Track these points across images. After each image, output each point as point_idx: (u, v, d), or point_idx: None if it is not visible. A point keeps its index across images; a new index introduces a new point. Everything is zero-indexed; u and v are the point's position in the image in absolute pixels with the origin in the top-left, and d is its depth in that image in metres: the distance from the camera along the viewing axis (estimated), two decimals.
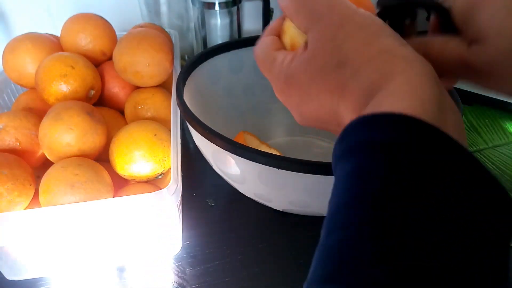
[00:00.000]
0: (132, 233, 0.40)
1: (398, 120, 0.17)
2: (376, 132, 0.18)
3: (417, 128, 0.17)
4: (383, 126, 0.18)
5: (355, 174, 0.17)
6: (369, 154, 0.17)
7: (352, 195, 0.17)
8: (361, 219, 0.16)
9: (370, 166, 0.17)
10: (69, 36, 0.52)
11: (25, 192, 0.39)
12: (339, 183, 0.18)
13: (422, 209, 0.15)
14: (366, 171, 0.17)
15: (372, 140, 0.17)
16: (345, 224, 0.16)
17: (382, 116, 0.18)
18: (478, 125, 0.64)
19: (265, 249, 0.44)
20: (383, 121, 0.18)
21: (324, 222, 0.18)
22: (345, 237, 0.16)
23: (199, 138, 0.39)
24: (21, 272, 0.41)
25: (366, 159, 0.17)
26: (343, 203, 0.17)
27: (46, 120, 0.42)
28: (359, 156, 0.18)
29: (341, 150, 0.19)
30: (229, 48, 0.52)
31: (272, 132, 0.59)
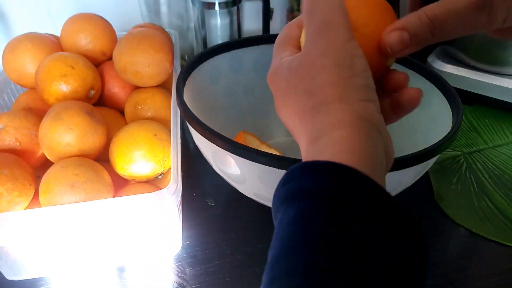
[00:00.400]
0: (132, 233, 0.40)
1: (338, 170, 0.19)
2: (317, 180, 0.19)
3: (353, 178, 0.19)
4: (324, 175, 0.19)
5: (298, 220, 0.19)
6: (311, 201, 0.19)
7: (296, 240, 0.18)
8: (307, 267, 0.17)
9: (312, 213, 0.18)
10: (69, 36, 0.52)
11: (25, 192, 0.39)
12: (283, 229, 0.19)
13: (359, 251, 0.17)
14: (308, 217, 0.18)
15: (315, 187, 0.19)
16: (292, 272, 0.17)
17: (324, 165, 0.20)
18: (478, 125, 0.64)
19: (265, 249, 0.44)
20: (325, 170, 0.19)
21: (267, 268, 0.19)
22: (289, 286, 0.17)
23: (199, 138, 0.39)
24: (21, 272, 0.41)
25: (307, 206, 0.19)
26: (286, 248, 0.18)
27: (46, 120, 0.42)
28: (302, 202, 0.19)
29: (284, 194, 0.20)
30: (229, 48, 0.52)
31: (272, 132, 0.59)
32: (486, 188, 0.52)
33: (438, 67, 0.67)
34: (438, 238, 0.46)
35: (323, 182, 0.19)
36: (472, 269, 0.42)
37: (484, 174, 0.54)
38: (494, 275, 0.42)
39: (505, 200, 0.50)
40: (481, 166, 0.56)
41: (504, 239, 0.45)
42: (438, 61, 0.68)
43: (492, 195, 0.51)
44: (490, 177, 0.53)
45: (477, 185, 0.52)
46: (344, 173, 0.19)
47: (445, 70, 0.66)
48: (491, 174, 0.54)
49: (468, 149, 0.59)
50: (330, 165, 0.19)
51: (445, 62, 0.67)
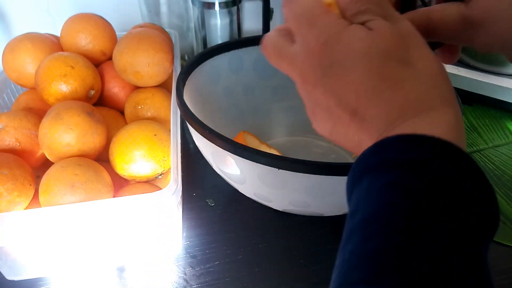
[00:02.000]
0: (132, 233, 0.40)
1: (436, 143, 0.19)
2: (419, 152, 0.19)
3: (451, 153, 0.18)
4: (421, 146, 0.19)
5: (396, 187, 0.18)
6: (411, 171, 0.18)
7: (394, 206, 0.18)
8: (404, 229, 0.17)
9: (413, 182, 0.18)
10: (69, 36, 0.52)
11: (25, 192, 0.39)
12: (374, 192, 0.19)
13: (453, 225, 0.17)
14: (408, 186, 0.18)
15: (415, 158, 0.18)
16: (388, 232, 0.17)
17: (421, 137, 0.19)
18: (478, 125, 0.64)
19: (265, 249, 0.44)
20: (421, 142, 0.19)
21: (355, 228, 0.18)
22: (389, 244, 0.17)
23: (199, 138, 0.39)
24: (21, 272, 0.41)
25: (408, 175, 0.18)
26: (383, 212, 0.18)
27: (46, 120, 0.42)
28: (401, 171, 0.18)
29: (377, 160, 0.19)
30: (229, 48, 0.52)
31: (272, 132, 0.59)
32: None
33: None
34: None
35: (426, 155, 0.18)
36: None
37: None
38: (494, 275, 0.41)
39: (505, 200, 0.50)
40: (481, 166, 0.56)
41: (504, 239, 0.45)
42: None
43: None
44: (490, 177, 0.53)
45: None
46: (450, 151, 0.19)
47: None
48: (491, 174, 0.54)
49: (468, 149, 0.59)
50: (431, 140, 0.19)
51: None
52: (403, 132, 0.19)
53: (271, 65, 0.26)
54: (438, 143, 0.19)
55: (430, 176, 0.18)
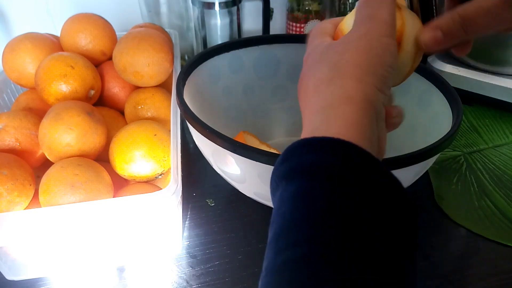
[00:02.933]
0: (132, 233, 0.40)
1: (337, 146, 0.20)
2: (317, 156, 0.20)
3: (354, 153, 0.20)
4: (324, 150, 0.20)
5: (299, 196, 0.19)
6: (312, 177, 0.19)
7: (299, 215, 0.18)
8: (309, 238, 0.17)
9: (313, 188, 0.19)
10: (69, 36, 0.52)
11: (25, 192, 0.39)
12: (284, 203, 0.20)
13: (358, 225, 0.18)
14: (309, 193, 0.19)
15: (316, 163, 0.19)
16: (295, 244, 0.18)
17: (323, 140, 0.20)
18: (478, 125, 0.64)
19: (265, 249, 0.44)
20: (325, 145, 0.20)
21: (270, 243, 0.19)
22: (295, 256, 0.17)
23: (199, 137, 0.39)
24: (21, 272, 0.41)
25: (309, 182, 0.19)
26: (290, 222, 0.19)
27: (46, 120, 0.42)
28: (305, 178, 0.19)
29: (284, 171, 0.21)
30: (229, 48, 0.52)
31: (272, 132, 0.59)
32: (486, 188, 0.52)
33: (438, 67, 0.67)
34: (438, 238, 0.46)
35: (324, 157, 0.19)
36: (472, 269, 0.42)
37: (484, 174, 0.54)
38: (494, 275, 0.42)
39: (505, 200, 0.50)
40: (481, 166, 0.56)
41: (504, 239, 0.45)
42: (438, 61, 0.68)
43: (492, 195, 0.51)
44: (490, 177, 0.53)
45: (477, 185, 0.52)
46: (345, 148, 0.20)
47: (445, 70, 0.66)
48: (491, 174, 0.54)
49: (468, 149, 0.59)
50: (329, 141, 0.20)
51: (445, 62, 0.67)
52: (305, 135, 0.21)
53: (271, 65, 0.29)
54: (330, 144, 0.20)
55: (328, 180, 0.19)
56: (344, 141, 0.20)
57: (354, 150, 0.20)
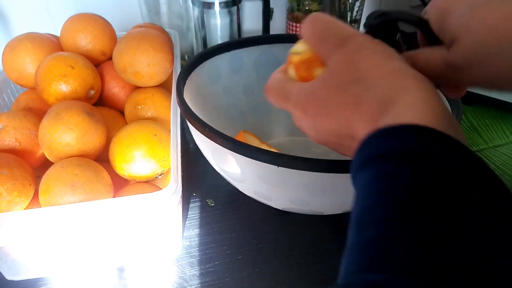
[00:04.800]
0: (132, 233, 0.40)
1: (416, 131, 0.19)
2: (397, 142, 0.19)
3: (433, 137, 0.19)
4: (403, 136, 0.20)
5: (381, 178, 0.19)
6: (394, 161, 0.19)
7: (379, 196, 0.19)
8: (391, 216, 0.17)
9: (395, 172, 0.19)
10: (69, 36, 0.52)
11: (25, 192, 0.39)
12: (364, 188, 0.20)
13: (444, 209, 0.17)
14: (391, 175, 0.19)
15: (394, 149, 0.19)
16: (377, 221, 0.18)
17: (402, 127, 0.20)
18: (478, 125, 0.64)
19: (265, 249, 0.44)
20: (404, 132, 0.20)
21: (352, 223, 0.19)
22: (378, 233, 0.17)
23: (199, 136, 0.39)
24: (21, 272, 0.41)
25: (390, 166, 0.19)
26: (371, 203, 0.19)
27: (46, 120, 0.42)
28: (384, 163, 0.19)
29: (362, 159, 0.21)
30: (229, 48, 0.52)
31: (273, 132, 0.59)
32: None
33: None
34: None
35: (403, 143, 0.19)
36: None
37: None
38: None
39: None
40: None
41: None
42: None
43: None
44: None
45: None
46: (422, 133, 0.19)
47: None
48: None
49: None
50: (408, 127, 0.20)
51: None
52: (379, 128, 0.21)
53: (271, 65, 0.29)
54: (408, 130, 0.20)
55: (409, 164, 0.19)
56: (421, 126, 0.19)
57: (431, 133, 0.19)
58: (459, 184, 0.18)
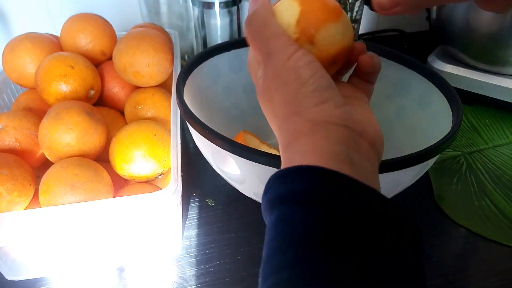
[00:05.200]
0: (132, 233, 0.40)
1: (302, 172, 0.21)
2: (289, 184, 0.21)
3: (317, 175, 0.20)
4: (294, 179, 0.21)
5: (278, 224, 0.20)
6: (287, 205, 0.20)
7: (280, 241, 0.19)
8: (292, 259, 0.18)
9: (289, 215, 0.20)
10: (69, 36, 0.52)
11: (25, 192, 0.39)
12: (268, 233, 0.21)
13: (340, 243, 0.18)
14: (290, 219, 0.20)
15: (287, 192, 0.21)
16: (279, 267, 0.18)
17: (292, 170, 0.21)
18: (478, 125, 0.64)
19: None
20: (293, 175, 0.21)
21: (260, 272, 0.20)
22: (281, 281, 0.18)
23: (199, 138, 0.39)
24: (21, 272, 0.41)
25: (284, 209, 0.20)
26: (273, 250, 0.20)
27: (46, 120, 0.42)
28: (280, 207, 0.21)
29: (266, 203, 0.22)
30: (229, 48, 0.52)
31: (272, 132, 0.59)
32: (486, 188, 0.52)
33: (438, 67, 0.67)
34: (438, 238, 0.46)
35: (292, 185, 0.21)
36: (472, 269, 0.42)
37: (484, 174, 0.54)
38: (494, 275, 0.42)
39: (505, 200, 0.50)
40: (481, 166, 0.56)
41: (504, 239, 0.45)
42: (438, 61, 0.68)
43: (492, 195, 0.51)
44: (490, 177, 0.53)
45: (477, 185, 0.52)
46: (308, 173, 0.21)
47: (445, 70, 0.66)
48: (491, 174, 0.54)
49: (468, 149, 0.59)
50: (295, 170, 0.21)
51: (445, 62, 0.67)
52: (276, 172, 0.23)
53: None
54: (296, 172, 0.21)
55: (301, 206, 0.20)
56: (307, 166, 0.21)
57: (316, 172, 0.21)
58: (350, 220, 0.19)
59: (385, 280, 0.18)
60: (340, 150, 0.22)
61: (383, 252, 0.18)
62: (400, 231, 0.19)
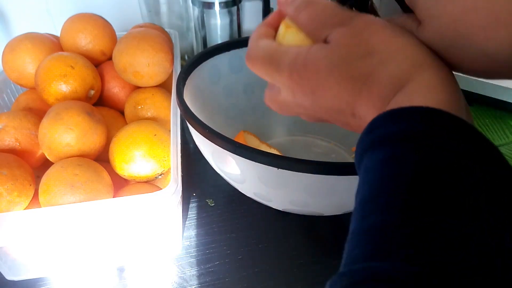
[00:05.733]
0: (132, 233, 0.40)
1: (430, 114, 0.18)
2: (409, 125, 0.18)
3: (446, 121, 0.18)
4: (416, 119, 0.18)
5: (388, 162, 0.18)
6: (403, 145, 0.18)
7: (385, 181, 0.18)
8: (396, 204, 0.17)
9: (404, 156, 0.18)
10: (69, 36, 0.52)
11: (25, 192, 0.39)
12: (370, 171, 0.19)
13: (452, 196, 0.16)
14: (400, 160, 0.18)
15: (406, 132, 0.18)
16: (382, 208, 0.17)
17: (416, 109, 0.19)
18: (478, 125, 0.64)
19: (265, 249, 0.44)
20: (417, 114, 0.19)
21: (356, 208, 0.19)
22: (382, 220, 0.17)
23: (199, 137, 0.39)
24: (21, 272, 0.41)
25: (399, 149, 0.18)
26: (376, 189, 0.18)
27: (46, 120, 0.42)
28: (392, 146, 0.19)
29: (370, 141, 0.20)
30: (229, 48, 0.52)
31: (272, 132, 0.59)
32: None
33: None
34: None
35: (409, 125, 0.18)
36: None
37: None
38: None
39: None
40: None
41: None
42: None
43: None
44: None
45: None
46: (436, 116, 0.18)
47: None
48: None
49: None
50: (421, 109, 0.19)
51: None
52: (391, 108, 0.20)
53: None
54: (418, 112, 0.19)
55: (419, 149, 0.18)
56: (429, 108, 0.19)
57: (441, 116, 0.18)
58: (467, 174, 0.17)
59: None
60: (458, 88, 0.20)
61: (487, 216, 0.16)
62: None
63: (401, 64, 0.21)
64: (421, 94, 0.20)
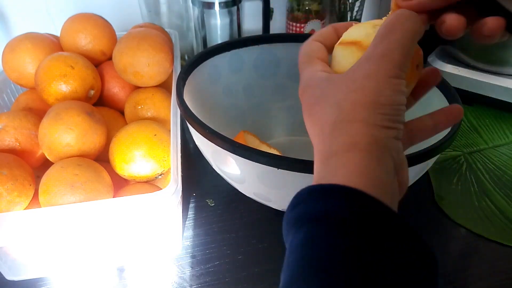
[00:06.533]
0: (132, 233, 0.40)
1: (344, 193, 0.19)
2: (323, 204, 0.20)
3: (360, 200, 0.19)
4: (330, 198, 0.20)
5: (305, 245, 0.19)
6: (318, 225, 0.19)
7: (305, 264, 0.18)
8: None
9: (318, 237, 0.19)
10: (69, 36, 0.52)
11: (24, 192, 0.39)
12: (292, 254, 0.20)
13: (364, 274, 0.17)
14: (315, 242, 0.19)
15: (320, 211, 0.19)
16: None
17: (330, 188, 0.20)
18: (478, 125, 0.64)
19: (265, 249, 0.44)
20: (331, 193, 0.20)
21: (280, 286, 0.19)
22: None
23: (199, 138, 0.39)
24: (21, 272, 0.41)
25: (315, 230, 0.19)
26: (297, 273, 0.19)
27: (46, 120, 0.42)
28: (309, 227, 0.19)
29: (293, 218, 0.21)
30: (229, 48, 0.52)
31: (272, 132, 0.59)
32: (486, 188, 0.52)
33: (438, 67, 0.67)
34: (438, 238, 0.46)
35: (329, 206, 0.19)
36: (472, 269, 0.42)
37: (484, 174, 0.54)
38: (494, 275, 0.42)
39: (505, 200, 0.50)
40: (481, 166, 0.56)
41: (504, 240, 0.45)
42: (438, 61, 0.68)
43: (492, 195, 0.51)
44: (490, 177, 0.53)
45: (477, 185, 0.52)
46: (350, 196, 0.19)
47: (445, 70, 0.66)
48: (491, 174, 0.54)
49: (468, 149, 0.59)
50: (336, 189, 0.20)
51: (445, 62, 0.67)
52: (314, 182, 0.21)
53: (271, 64, 0.29)
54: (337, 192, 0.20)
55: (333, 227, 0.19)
56: (350, 188, 0.19)
57: (359, 197, 0.19)
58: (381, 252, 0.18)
59: None
60: (387, 179, 0.21)
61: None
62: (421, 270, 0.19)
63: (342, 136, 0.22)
64: (342, 171, 0.21)
